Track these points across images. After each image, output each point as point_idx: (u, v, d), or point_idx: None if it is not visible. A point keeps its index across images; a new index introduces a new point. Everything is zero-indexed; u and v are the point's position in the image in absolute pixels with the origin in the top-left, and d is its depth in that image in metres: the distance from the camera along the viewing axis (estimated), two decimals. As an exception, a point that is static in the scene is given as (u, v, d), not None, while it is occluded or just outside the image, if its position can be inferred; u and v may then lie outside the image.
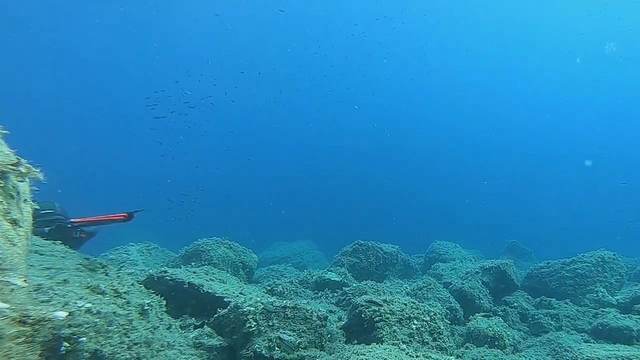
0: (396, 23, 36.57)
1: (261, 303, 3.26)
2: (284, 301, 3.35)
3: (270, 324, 3.15)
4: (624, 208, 32.41)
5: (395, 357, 2.73)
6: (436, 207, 37.47)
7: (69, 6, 33.37)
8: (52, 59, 37.34)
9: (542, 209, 37.51)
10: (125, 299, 2.38)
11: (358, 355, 2.77)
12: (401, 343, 3.34)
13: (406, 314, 3.70)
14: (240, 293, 4.27)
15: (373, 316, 3.63)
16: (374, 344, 3.23)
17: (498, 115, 46.09)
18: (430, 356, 2.80)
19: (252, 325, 3.09)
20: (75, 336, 1.83)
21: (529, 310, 6.67)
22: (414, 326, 3.64)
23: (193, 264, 6.74)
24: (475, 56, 43.02)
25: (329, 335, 3.59)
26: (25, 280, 1.16)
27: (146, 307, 2.52)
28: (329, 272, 7.05)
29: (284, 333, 3.12)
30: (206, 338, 3.25)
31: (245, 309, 3.20)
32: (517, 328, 6.27)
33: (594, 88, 41.84)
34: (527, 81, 44.43)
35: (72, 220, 4.45)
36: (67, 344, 1.79)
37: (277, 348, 2.98)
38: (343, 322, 4.18)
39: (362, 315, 3.70)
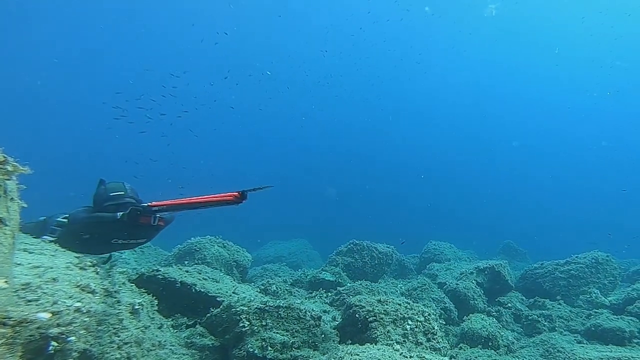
0: (396, 21, 36.59)
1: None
2: (278, 301, 3.33)
3: (264, 323, 3.13)
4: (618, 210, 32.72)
5: (389, 357, 2.71)
6: (432, 206, 37.59)
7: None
8: (53, 56, 37.01)
9: (537, 209, 37.80)
10: (116, 298, 2.34)
11: (352, 355, 2.75)
12: (395, 343, 3.32)
13: (400, 314, 3.69)
14: (233, 292, 4.25)
15: (367, 316, 3.62)
16: (368, 344, 3.21)
17: (494, 116, 46.27)
18: (424, 356, 2.78)
19: (245, 325, 3.06)
20: (63, 335, 1.80)
21: (523, 310, 6.69)
22: (408, 326, 3.63)
23: (186, 262, 6.70)
24: (472, 57, 43.14)
25: (323, 335, 3.57)
26: (6, 282, 1.13)
27: (137, 306, 2.49)
28: (324, 272, 7.04)
29: (276, 333, 3.10)
30: (198, 337, 3.23)
31: (238, 309, 3.18)
32: (511, 329, 6.29)
33: (592, 89, 42.08)
34: (524, 81, 44.62)
35: (150, 204, 3.59)
36: (56, 344, 1.76)
37: (269, 348, 2.96)
38: (337, 322, 4.17)
39: (356, 315, 3.69)
